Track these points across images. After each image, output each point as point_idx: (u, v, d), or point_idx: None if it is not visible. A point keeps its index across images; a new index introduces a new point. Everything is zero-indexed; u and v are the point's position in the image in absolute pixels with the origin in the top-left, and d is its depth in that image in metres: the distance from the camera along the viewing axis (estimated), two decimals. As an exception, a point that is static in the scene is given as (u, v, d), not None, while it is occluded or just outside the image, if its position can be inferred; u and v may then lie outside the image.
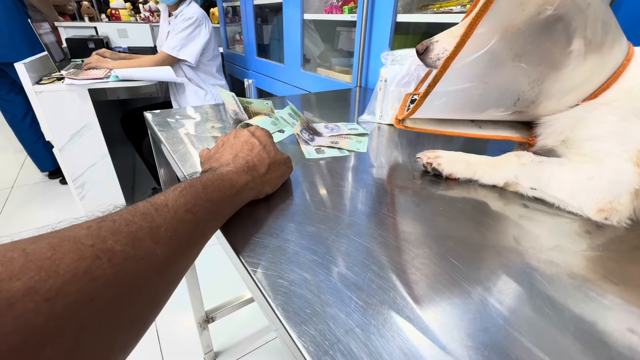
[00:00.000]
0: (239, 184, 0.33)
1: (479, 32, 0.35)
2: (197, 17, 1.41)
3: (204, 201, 0.28)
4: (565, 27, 0.34)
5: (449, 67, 0.38)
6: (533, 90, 0.40)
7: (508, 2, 0.33)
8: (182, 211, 0.26)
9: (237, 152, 0.37)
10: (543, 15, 0.34)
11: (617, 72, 0.38)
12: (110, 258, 0.19)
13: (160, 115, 0.70)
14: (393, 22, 0.95)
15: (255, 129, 0.41)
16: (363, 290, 0.26)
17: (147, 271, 0.21)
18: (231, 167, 0.34)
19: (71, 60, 1.76)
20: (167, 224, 0.24)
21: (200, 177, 0.30)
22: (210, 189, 0.29)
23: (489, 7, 0.33)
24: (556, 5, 0.33)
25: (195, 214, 0.27)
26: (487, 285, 0.27)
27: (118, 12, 2.37)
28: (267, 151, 0.38)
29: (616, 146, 0.36)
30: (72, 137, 1.36)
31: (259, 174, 0.36)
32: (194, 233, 0.27)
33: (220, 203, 0.30)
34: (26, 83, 1.22)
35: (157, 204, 0.25)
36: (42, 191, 1.97)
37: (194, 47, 1.44)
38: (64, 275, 0.16)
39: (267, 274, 0.28)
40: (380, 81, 0.67)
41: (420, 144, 0.60)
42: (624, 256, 0.32)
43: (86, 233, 0.19)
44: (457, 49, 0.36)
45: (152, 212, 0.24)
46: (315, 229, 0.34)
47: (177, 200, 0.26)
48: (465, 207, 0.39)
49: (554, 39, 0.35)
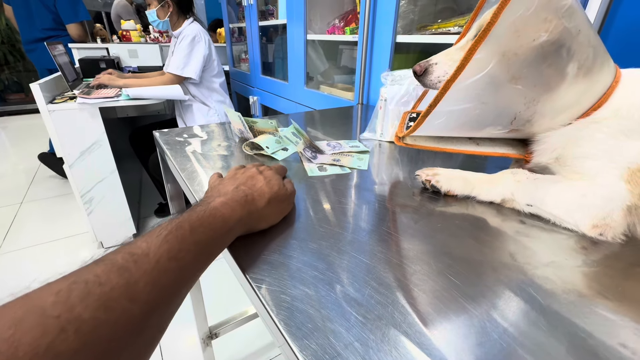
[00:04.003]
0: (232, 219, 0.32)
1: (478, 56, 0.37)
2: (194, 35, 1.47)
3: (190, 244, 0.27)
4: (558, 52, 0.36)
5: (449, 89, 0.39)
6: (529, 110, 0.41)
7: (505, 29, 0.35)
8: (165, 259, 0.24)
9: (239, 184, 0.37)
10: (538, 41, 0.36)
11: (606, 93, 0.40)
12: (78, 328, 0.18)
13: (168, 134, 0.72)
14: (393, 43, 0.99)
15: (265, 168, 0.41)
16: (362, 306, 0.27)
17: (122, 333, 0.20)
18: (227, 198, 0.33)
19: (83, 80, 1.83)
20: (147, 276, 0.23)
21: (189, 214, 0.29)
22: (199, 229, 0.28)
23: (488, 34, 0.35)
24: (550, 32, 0.35)
25: (180, 260, 0.25)
26: (483, 302, 0.28)
27: (129, 33, 2.47)
28: (269, 185, 0.38)
29: (607, 163, 0.37)
30: (82, 153, 1.40)
31: (257, 208, 0.35)
32: (178, 281, 0.25)
33: (210, 244, 0.29)
34: (40, 103, 1.27)
35: (137, 254, 0.23)
36: (50, 207, 2.00)
37: (196, 63, 1.49)
38: (23, 357, 0.16)
39: (270, 289, 0.29)
40: (380, 100, 0.69)
41: (420, 160, 0.61)
42: (619, 272, 0.32)
43: (53, 301, 0.18)
44: (457, 72, 0.38)
45: (131, 265, 0.22)
46: (317, 245, 0.35)
47: (160, 247, 0.24)
48: (463, 224, 0.40)
49: (548, 62, 0.37)
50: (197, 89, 1.60)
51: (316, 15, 1.40)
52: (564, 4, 0.34)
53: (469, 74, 0.37)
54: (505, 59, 0.36)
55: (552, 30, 0.35)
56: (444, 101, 0.39)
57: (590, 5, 0.54)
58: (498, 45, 0.36)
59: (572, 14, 0.35)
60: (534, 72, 0.37)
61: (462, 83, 0.38)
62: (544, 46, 0.36)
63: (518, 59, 0.36)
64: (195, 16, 1.58)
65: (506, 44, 0.36)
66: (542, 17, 0.34)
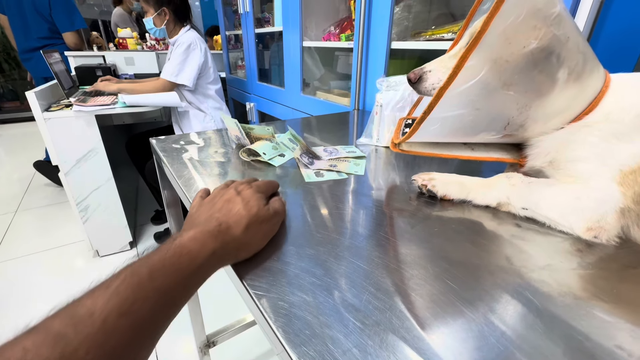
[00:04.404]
0: (201, 255, 0.28)
1: (470, 64, 0.37)
2: (190, 42, 1.47)
3: (149, 292, 0.23)
4: (548, 58, 0.37)
5: (442, 96, 0.40)
6: (521, 115, 0.42)
7: (496, 36, 0.36)
8: (113, 317, 0.21)
9: (213, 212, 0.34)
10: (528, 48, 0.36)
11: (597, 97, 0.40)
12: None
13: (165, 141, 0.72)
14: (388, 49, 1.00)
15: (245, 187, 0.37)
16: (360, 312, 0.27)
17: None
18: (198, 230, 0.29)
19: (80, 88, 1.83)
20: (90, 341, 0.19)
21: (149, 256, 0.26)
22: (159, 273, 0.24)
23: (479, 42, 0.36)
24: (539, 39, 0.36)
25: (135, 314, 0.22)
26: (480, 306, 0.28)
27: (125, 41, 2.47)
28: (247, 207, 0.34)
29: (600, 166, 0.38)
30: (78, 161, 1.40)
31: (233, 237, 0.31)
32: (134, 339, 0.22)
33: (173, 289, 0.25)
34: (36, 111, 1.26)
35: (79, 316, 0.20)
36: (45, 215, 1.98)
37: (191, 71, 1.49)
38: None
39: (268, 296, 0.29)
40: (376, 106, 0.70)
41: (416, 165, 0.62)
42: (614, 274, 0.33)
43: None
44: (450, 79, 0.39)
45: (69, 331, 0.19)
46: (314, 251, 0.35)
47: (108, 302, 0.21)
48: (459, 228, 0.40)
49: (539, 68, 0.38)
50: (193, 96, 1.60)
51: (312, 22, 1.42)
52: (553, 12, 0.35)
53: (462, 81, 0.38)
54: (496, 65, 0.37)
55: (542, 37, 0.35)
56: (438, 108, 0.40)
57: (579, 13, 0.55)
58: (489, 52, 0.36)
59: (560, 21, 0.36)
60: (525, 79, 0.38)
61: (455, 90, 0.39)
62: (534, 53, 0.36)
63: (509, 65, 0.37)
64: (192, 24, 1.59)
65: (497, 51, 0.37)
66: (532, 25, 0.35)
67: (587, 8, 0.53)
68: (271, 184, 0.43)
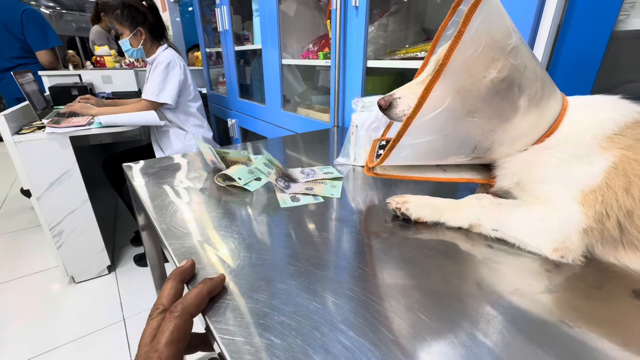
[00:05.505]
0: None
1: (434, 94, 0.38)
2: (169, 61, 1.46)
3: None
4: (509, 87, 0.39)
5: (410, 125, 0.41)
6: (487, 139, 0.43)
7: (457, 69, 0.37)
8: None
9: None
10: (488, 78, 0.38)
11: (556, 120, 0.42)
12: None
13: (140, 165, 0.71)
14: (364, 68, 1.02)
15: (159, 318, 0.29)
16: (330, 353, 0.27)
17: None
18: None
19: (54, 108, 1.77)
20: None
21: None
22: None
23: (441, 74, 0.37)
24: (498, 70, 0.37)
25: None
26: (449, 337, 0.28)
27: (103, 59, 2.43)
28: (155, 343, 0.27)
29: (561, 187, 0.39)
30: (51, 184, 1.34)
31: None
32: None
33: None
34: (5, 134, 1.22)
35: None
36: (18, 241, 1.89)
37: (172, 89, 1.48)
38: None
39: (233, 340, 0.28)
40: (352, 126, 0.70)
41: (393, 184, 0.62)
42: (579, 294, 0.33)
43: None
44: (416, 109, 0.39)
45: None
46: (285, 286, 0.34)
47: None
48: (432, 253, 0.40)
49: (500, 96, 0.39)
50: (173, 114, 1.58)
51: (291, 39, 1.43)
52: (509, 43, 0.36)
53: (428, 110, 0.39)
54: (459, 95, 0.38)
55: (501, 68, 0.37)
56: (407, 135, 0.41)
57: (537, 41, 0.58)
58: (452, 83, 0.37)
59: (517, 52, 0.37)
60: (487, 106, 0.39)
61: (423, 118, 0.39)
62: (495, 82, 0.38)
63: (472, 94, 0.38)
64: (169, 42, 1.58)
65: (459, 82, 0.38)
66: (490, 57, 0.36)
67: (545, 36, 0.56)
68: (202, 299, 0.32)
